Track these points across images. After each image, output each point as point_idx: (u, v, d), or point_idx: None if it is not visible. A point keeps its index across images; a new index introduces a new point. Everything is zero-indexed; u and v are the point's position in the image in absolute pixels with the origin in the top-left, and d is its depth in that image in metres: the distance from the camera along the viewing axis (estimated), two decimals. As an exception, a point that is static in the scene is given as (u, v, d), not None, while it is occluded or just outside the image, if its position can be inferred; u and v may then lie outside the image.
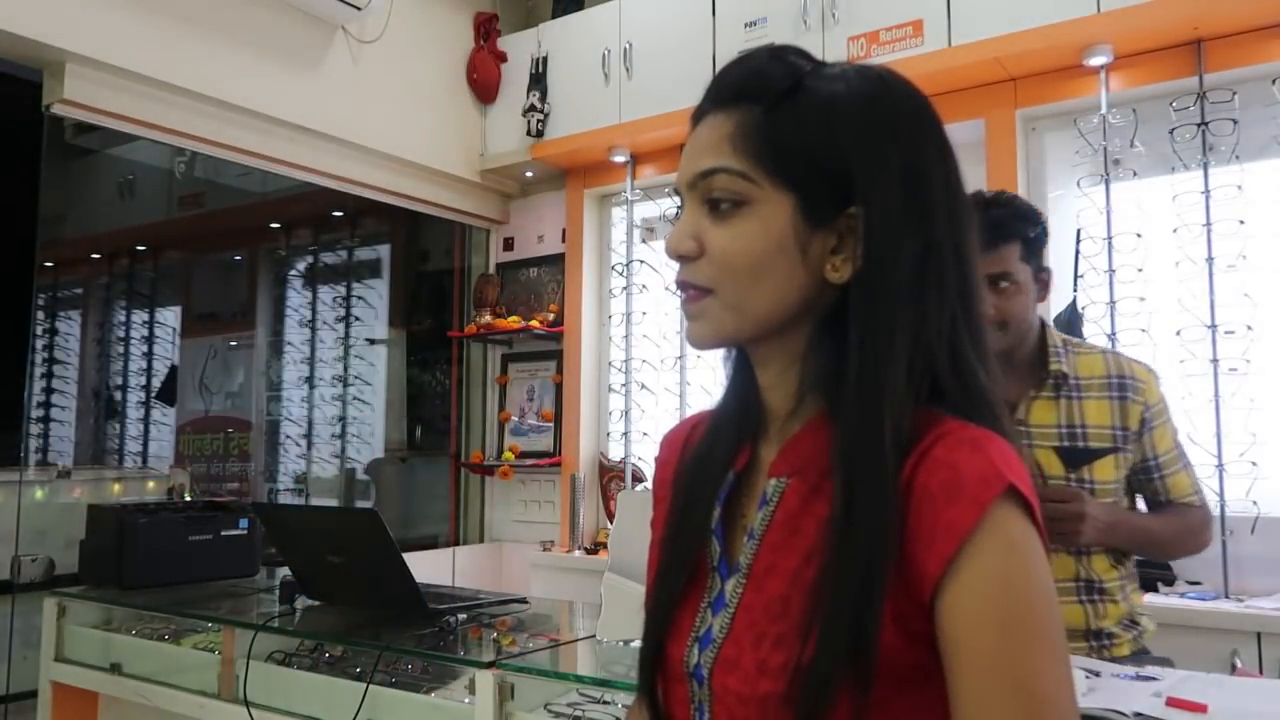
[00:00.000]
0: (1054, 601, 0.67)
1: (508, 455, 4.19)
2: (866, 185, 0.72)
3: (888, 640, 0.66)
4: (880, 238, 0.72)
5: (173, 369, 5.60)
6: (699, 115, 0.78)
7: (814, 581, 0.69)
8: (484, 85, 4.05)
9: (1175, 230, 2.74)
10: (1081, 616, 1.66)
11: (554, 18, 4.08)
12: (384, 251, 5.18)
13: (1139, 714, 1.22)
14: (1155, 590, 2.58)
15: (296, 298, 5.50)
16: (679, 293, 0.78)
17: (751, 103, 0.74)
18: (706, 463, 0.83)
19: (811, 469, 0.75)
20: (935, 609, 0.67)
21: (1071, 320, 2.82)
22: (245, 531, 2.69)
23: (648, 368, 3.86)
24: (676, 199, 0.82)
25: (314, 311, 5.36)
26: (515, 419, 4.28)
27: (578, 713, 1.64)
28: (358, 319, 5.15)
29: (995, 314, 1.61)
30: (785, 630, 0.70)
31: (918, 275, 0.72)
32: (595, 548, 3.80)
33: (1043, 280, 1.70)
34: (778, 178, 0.73)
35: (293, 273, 5.57)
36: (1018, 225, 1.64)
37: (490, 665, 1.63)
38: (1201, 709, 1.23)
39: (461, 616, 2.00)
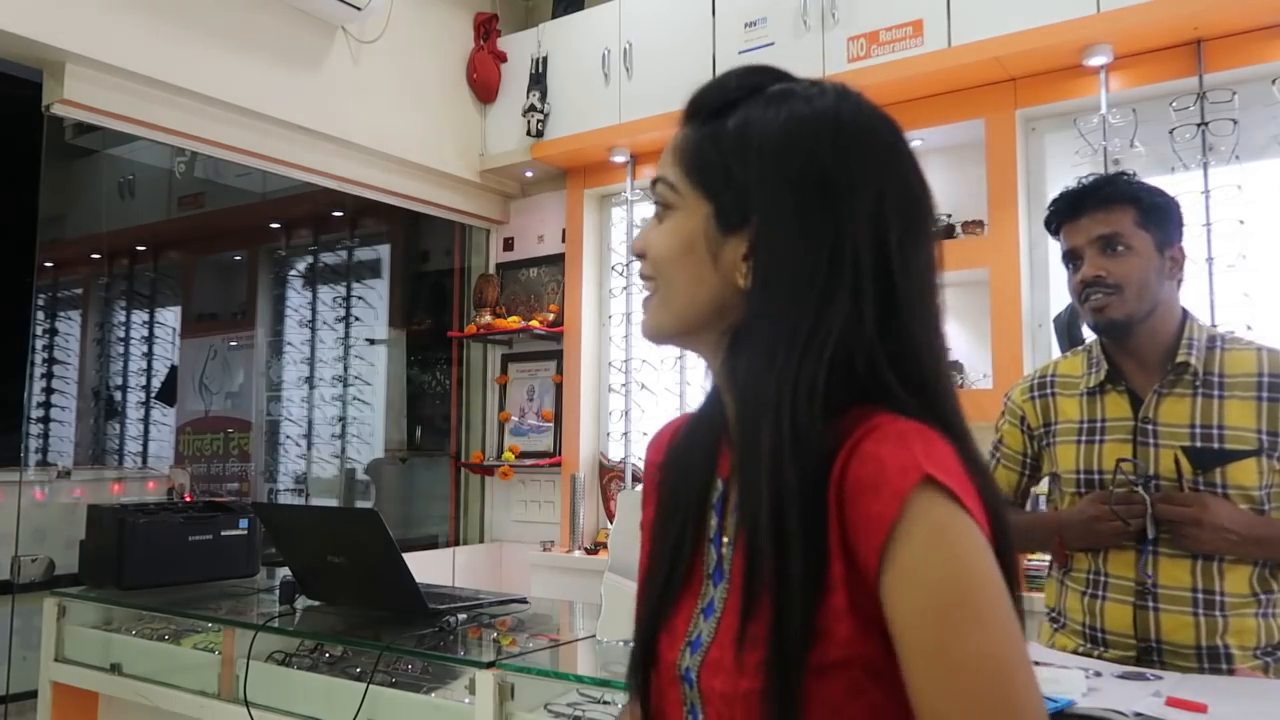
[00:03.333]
0: (988, 579, 0.67)
1: (508, 455, 4.19)
2: (760, 195, 0.77)
3: (845, 631, 0.69)
4: (768, 244, 0.76)
5: (173, 369, 5.60)
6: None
7: (748, 580, 0.73)
8: (484, 85, 4.05)
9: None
10: (1191, 631, 1.51)
11: (554, 18, 4.08)
12: (384, 251, 5.18)
13: (1139, 714, 1.22)
14: None
15: (296, 298, 5.50)
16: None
17: (695, 119, 0.83)
18: (688, 468, 0.85)
19: None
20: (880, 597, 0.69)
21: (1071, 320, 2.82)
22: (245, 531, 2.69)
23: (648, 368, 3.86)
24: None
25: (314, 311, 5.36)
26: (515, 419, 4.28)
27: (578, 713, 1.64)
28: (358, 319, 5.15)
29: (1106, 275, 1.57)
30: (759, 630, 0.72)
31: (818, 280, 0.74)
32: (595, 548, 3.80)
33: (1172, 257, 1.63)
34: (698, 189, 0.80)
35: (293, 273, 5.57)
36: (1129, 189, 1.61)
37: (490, 665, 1.63)
38: (1201, 709, 1.23)
39: (461, 616, 2.00)
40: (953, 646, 0.66)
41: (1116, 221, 1.59)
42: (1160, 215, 1.61)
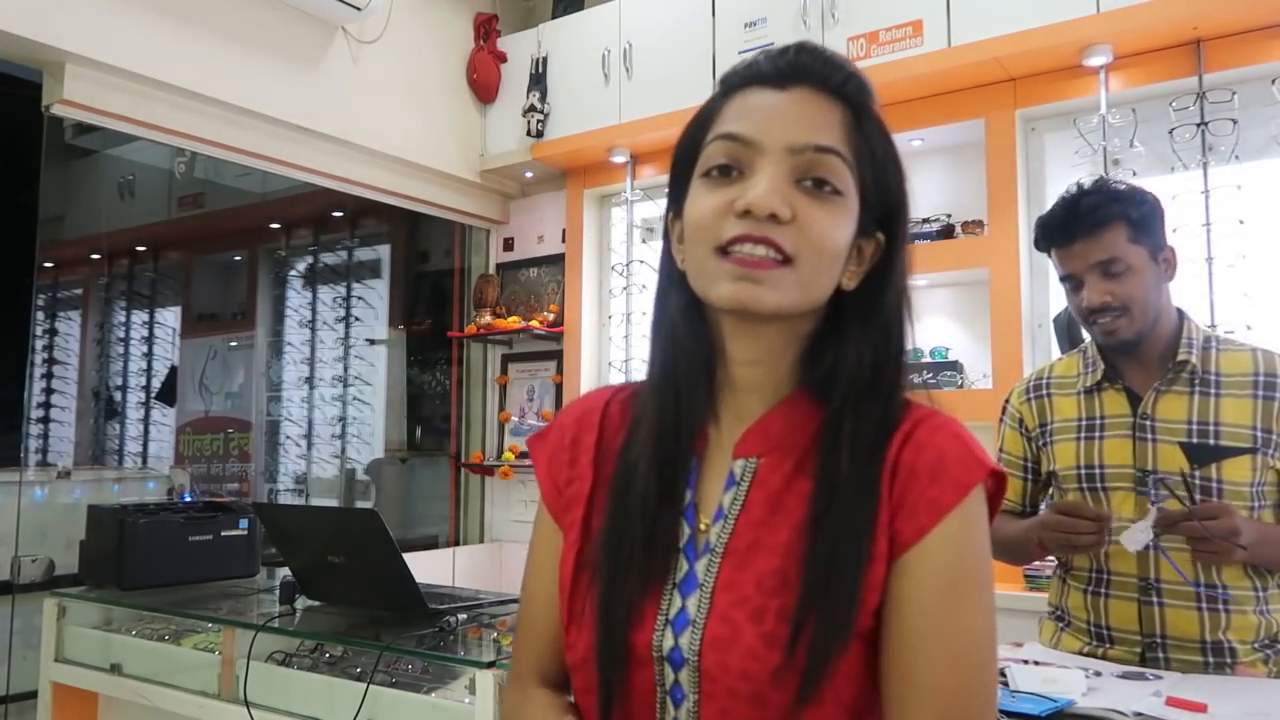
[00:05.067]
0: (990, 567, 0.76)
1: (508, 455, 4.19)
2: (896, 219, 0.81)
3: (873, 603, 0.74)
4: (896, 266, 0.81)
5: (173, 369, 5.60)
6: (786, 78, 0.79)
7: (812, 553, 0.74)
8: (484, 85, 4.05)
9: (1175, 230, 2.73)
10: (1196, 625, 1.53)
11: (554, 18, 4.08)
12: (384, 251, 5.18)
13: (1139, 714, 1.22)
14: None
15: (296, 298, 5.50)
16: (745, 249, 0.74)
17: (844, 102, 0.79)
18: (663, 440, 0.82)
19: (786, 448, 0.80)
20: (891, 570, 0.74)
21: (1071, 320, 2.82)
22: (245, 531, 2.68)
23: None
24: (730, 149, 0.78)
25: (314, 311, 5.36)
26: (515, 419, 4.28)
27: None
28: (358, 319, 5.15)
29: (1112, 299, 1.56)
30: (787, 602, 0.73)
31: (902, 298, 0.81)
32: (595, 548, 3.79)
33: (1165, 260, 1.61)
34: (857, 182, 0.78)
35: (293, 273, 5.57)
36: (1115, 207, 1.57)
37: (490, 665, 1.63)
38: (1201, 709, 1.23)
39: (461, 616, 2.00)
40: (950, 617, 0.73)
41: (1110, 244, 1.56)
42: (1148, 223, 1.60)
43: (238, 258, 5.84)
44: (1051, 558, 1.78)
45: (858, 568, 0.73)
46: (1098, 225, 1.56)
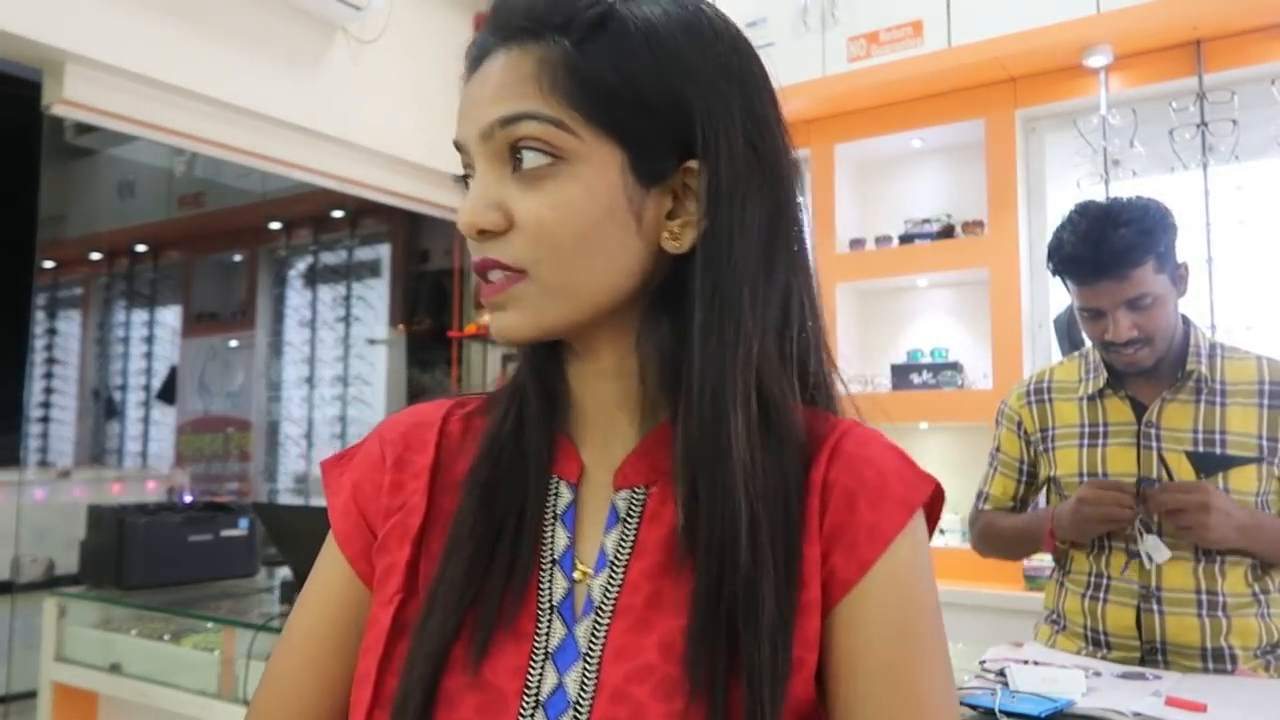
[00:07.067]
0: (936, 596, 0.63)
1: (508, 455, 4.18)
2: (709, 133, 0.60)
3: (811, 663, 0.59)
4: (728, 197, 0.60)
5: (173, 369, 5.61)
6: (480, 54, 0.63)
7: (709, 616, 0.57)
8: (484, 85, 4.05)
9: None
10: (1197, 633, 1.53)
11: (554, 18, 4.08)
12: (384, 251, 5.18)
13: (1138, 714, 1.22)
14: None
15: (296, 298, 5.51)
16: (481, 277, 0.62)
17: (556, 34, 0.59)
18: (514, 471, 0.64)
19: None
20: (829, 620, 0.59)
21: (1071, 320, 2.82)
22: (245, 531, 2.69)
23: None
24: (463, 160, 0.65)
25: (314, 311, 5.37)
26: (515, 419, 4.28)
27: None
28: (358, 319, 5.16)
29: (1138, 333, 1.52)
30: (705, 674, 0.57)
31: (768, 245, 0.61)
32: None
33: (1180, 276, 1.58)
34: (600, 126, 0.59)
35: (293, 273, 5.58)
36: (1145, 243, 1.50)
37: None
38: (1201, 709, 1.23)
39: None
40: (912, 671, 0.59)
41: (1139, 282, 1.50)
42: (1169, 246, 1.55)
43: (238, 257, 5.84)
44: (1049, 558, 1.78)
45: (784, 622, 0.57)
46: (1129, 266, 1.50)
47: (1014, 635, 1.75)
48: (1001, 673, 1.40)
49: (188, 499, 3.52)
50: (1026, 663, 1.49)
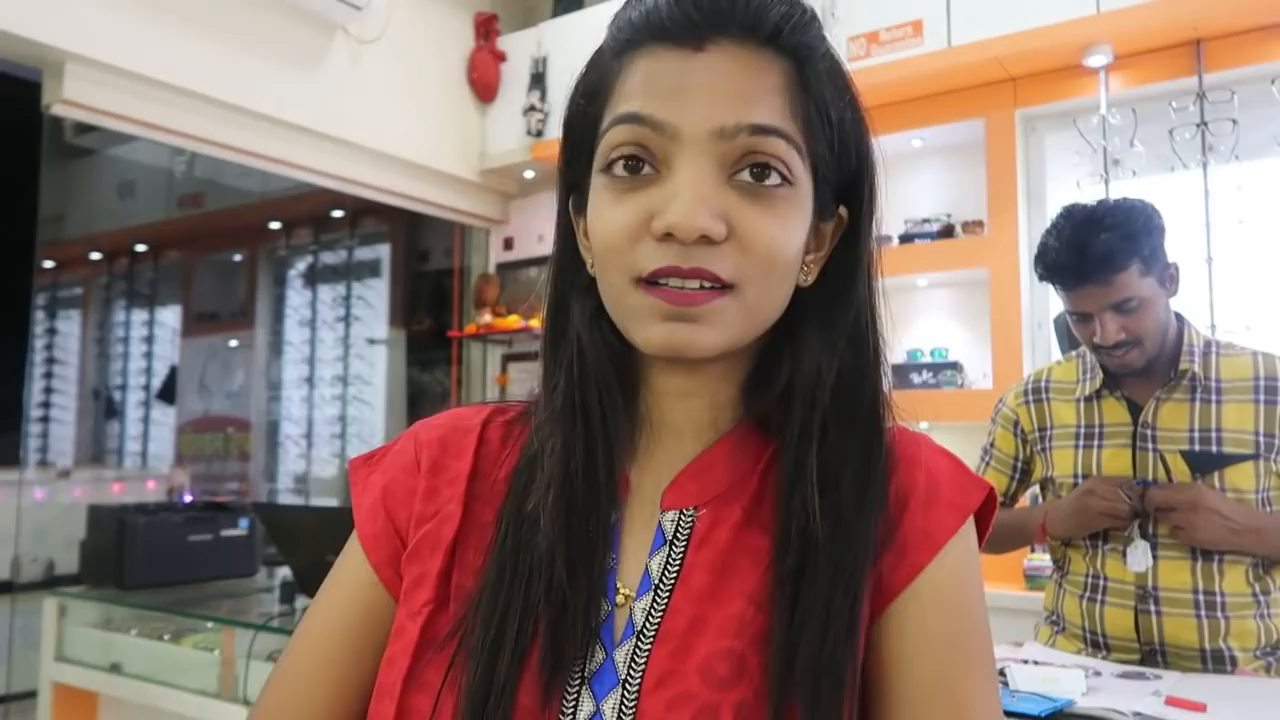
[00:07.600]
0: (985, 609, 0.61)
1: (508, 455, 4.18)
2: (862, 184, 0.62)
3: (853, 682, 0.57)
4: (859, 239, 0.63)
5: (173, 369, 5.61)
6: (699, 35, 0.56)
7: (776, 631, 0.56)
8: (484, 85, 4.05)
9: (1174, 230, 2.74)
10: (1195, 634, 1.52)
11: (554, 17, 4.08)
12: (384, 251, 5.19)
13: (1138, 714, 1.22)
14: None
15: (296, 298, 5.51)
16: (663, 283, 0.56)
17: (783, 52, 0.57)
18: (572, 485, 0.60)
19: (730, 495, 0.61)
20: (875, 629, 0.58)
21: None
22: (245, 531, 2.69)
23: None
24: (638, 136, 0.57)
25: (314, 311, 5.37)
26: (515, 419, 4.28)
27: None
28: (358, 319, 5.16)
29: (1126, 335, 1.53)
30: (745, 696, 0.55)
31: (874, 284, 0.65)
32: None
33: (1170, 276, 1.59)
34: (809, 158, 0.58)
35: (293, 273, 5.58)
36: (1128, 248, 1.51)
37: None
38: (1200, 708, 1.23)
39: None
40: (959, 685, 0.57)
41: (1124, 285, 1.51)
42: (1155, 248, 1.56)
43: (238, 257, 5.84)
44: (1048, 558, 1.78)
45: (847, 644, 0.55)
46: (1112, 271, 1.51)
47: (1014, 635, 1.75)
48: (1001, 672, 1.40)
49: (188, 499, 3.52)
50: (1026, 662, 1.49)
